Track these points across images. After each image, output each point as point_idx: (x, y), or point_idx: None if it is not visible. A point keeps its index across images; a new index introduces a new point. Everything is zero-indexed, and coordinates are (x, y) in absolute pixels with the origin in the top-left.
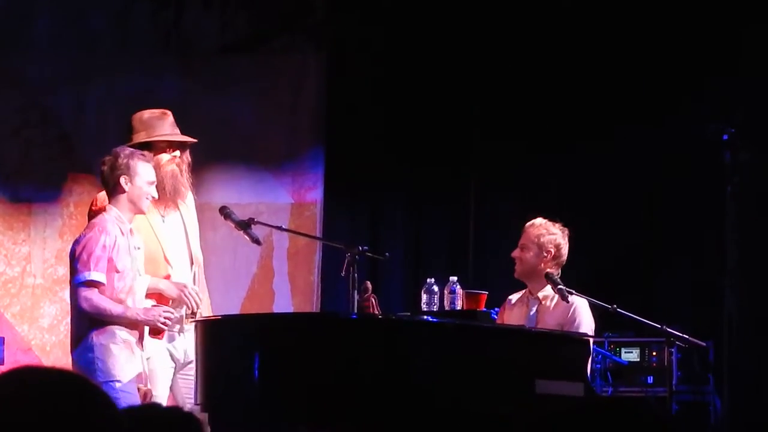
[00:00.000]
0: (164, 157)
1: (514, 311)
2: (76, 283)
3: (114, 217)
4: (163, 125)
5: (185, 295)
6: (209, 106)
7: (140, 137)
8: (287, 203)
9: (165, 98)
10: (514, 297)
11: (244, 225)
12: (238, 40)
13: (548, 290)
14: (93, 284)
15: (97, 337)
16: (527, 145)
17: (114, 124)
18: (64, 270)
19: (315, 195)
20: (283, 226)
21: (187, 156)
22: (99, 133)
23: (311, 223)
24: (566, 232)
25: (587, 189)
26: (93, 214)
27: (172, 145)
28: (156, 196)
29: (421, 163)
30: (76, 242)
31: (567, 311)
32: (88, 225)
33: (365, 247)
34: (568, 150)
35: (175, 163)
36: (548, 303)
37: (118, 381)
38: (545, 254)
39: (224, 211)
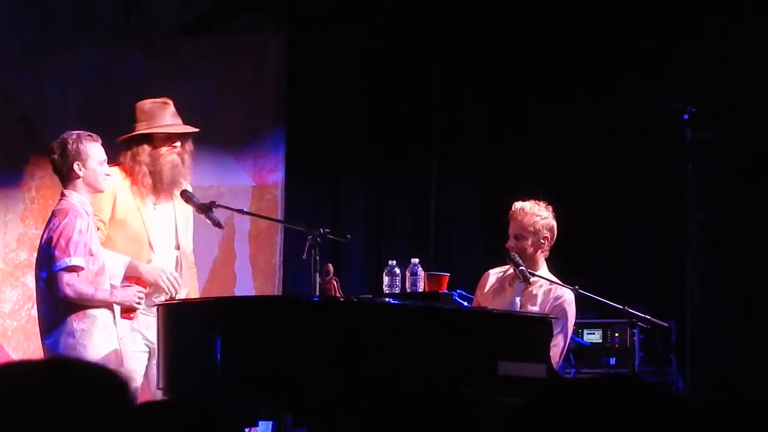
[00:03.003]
0: (164, 148)
1: (494, 288)
2: (57, 269)
3: (77, 201)
4: (164, 115)
5: (162, 280)
6: (170, 87)
7: (141, 127)
8: (248, 186)
9: (126, 78)
10: (493, 273)
11: (206, 208)
12: (198, 20)
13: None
14: (74, 269)
15: (77, 322)
16: (488, 126)
17: (75, 105)
18: (26, 255)
19: (276, 177)
20: (245, 209)
21: (189, 144)
22: (60, 114)
23: (272, 205)
24: (551, 209)
25: (548, 168)
26: None
27: (172, 136)
28: (109, 173)
29: (382, 145)
30: (50, 230)
31: (554, 303)
32: (58, 212)
33: (327, 230)
34: (529, 129)
35: (176, 152)
36: (535, 290)
37: None
38: (542, 241)
39: (185, 195)
